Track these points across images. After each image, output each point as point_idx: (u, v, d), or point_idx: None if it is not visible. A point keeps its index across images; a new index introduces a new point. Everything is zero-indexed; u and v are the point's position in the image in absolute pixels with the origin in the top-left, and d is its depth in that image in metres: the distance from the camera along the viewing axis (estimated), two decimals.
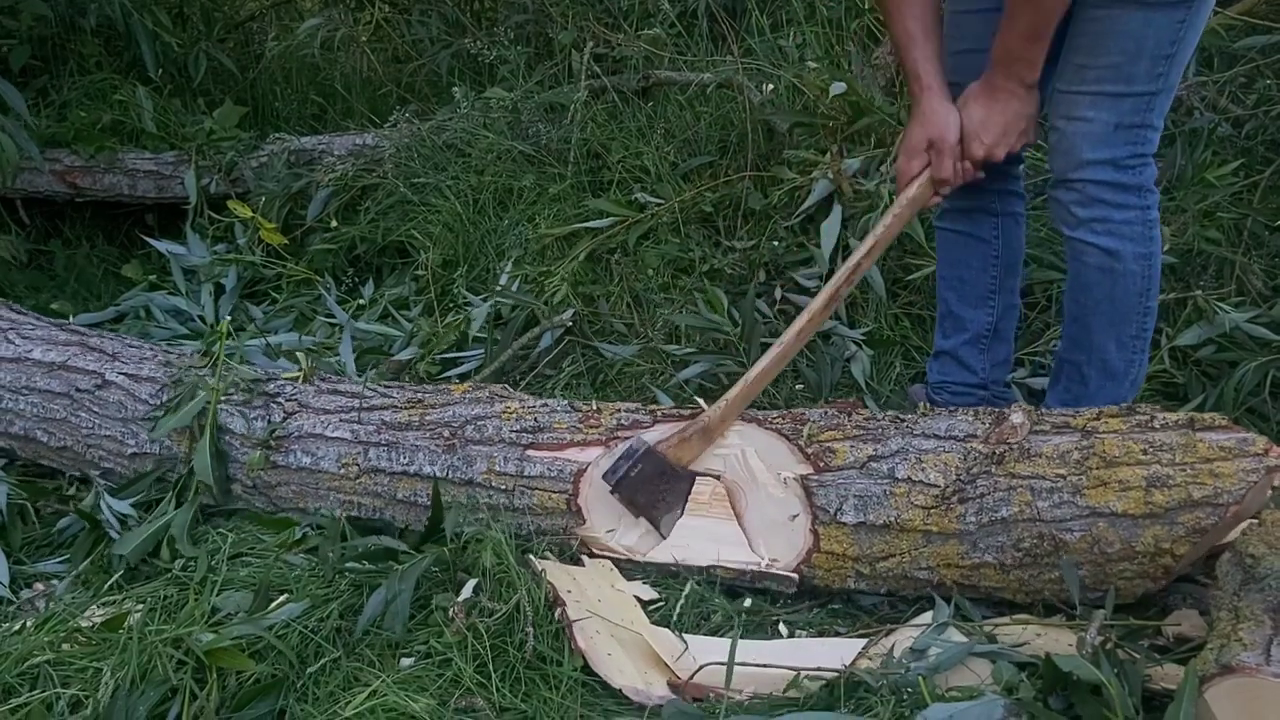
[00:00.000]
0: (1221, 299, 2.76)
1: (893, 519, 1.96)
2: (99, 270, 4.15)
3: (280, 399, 2.39)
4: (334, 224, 3.81)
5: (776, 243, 3.11)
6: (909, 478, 1.95)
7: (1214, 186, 2.98)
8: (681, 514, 2.13)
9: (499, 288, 3.21)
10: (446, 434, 2.23)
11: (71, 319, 3.23)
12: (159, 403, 2.45)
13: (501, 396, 2.32)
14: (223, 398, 2.39)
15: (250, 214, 3.66)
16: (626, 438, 2.15)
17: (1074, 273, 2.25)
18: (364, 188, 3.86)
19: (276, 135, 4.20)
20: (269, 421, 2.35)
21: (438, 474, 2.20)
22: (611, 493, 2.10)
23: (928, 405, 2.12)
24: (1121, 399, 2.26)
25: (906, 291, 3.02)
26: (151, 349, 2.65)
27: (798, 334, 2.19)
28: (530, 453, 2.17)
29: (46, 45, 4.35)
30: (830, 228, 3.01)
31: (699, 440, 2.14)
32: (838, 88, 3.20)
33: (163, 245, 3.80)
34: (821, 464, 2.03)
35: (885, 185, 3.02)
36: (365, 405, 2.34)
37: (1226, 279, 2.84)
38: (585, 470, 2.13)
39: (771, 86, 3.46)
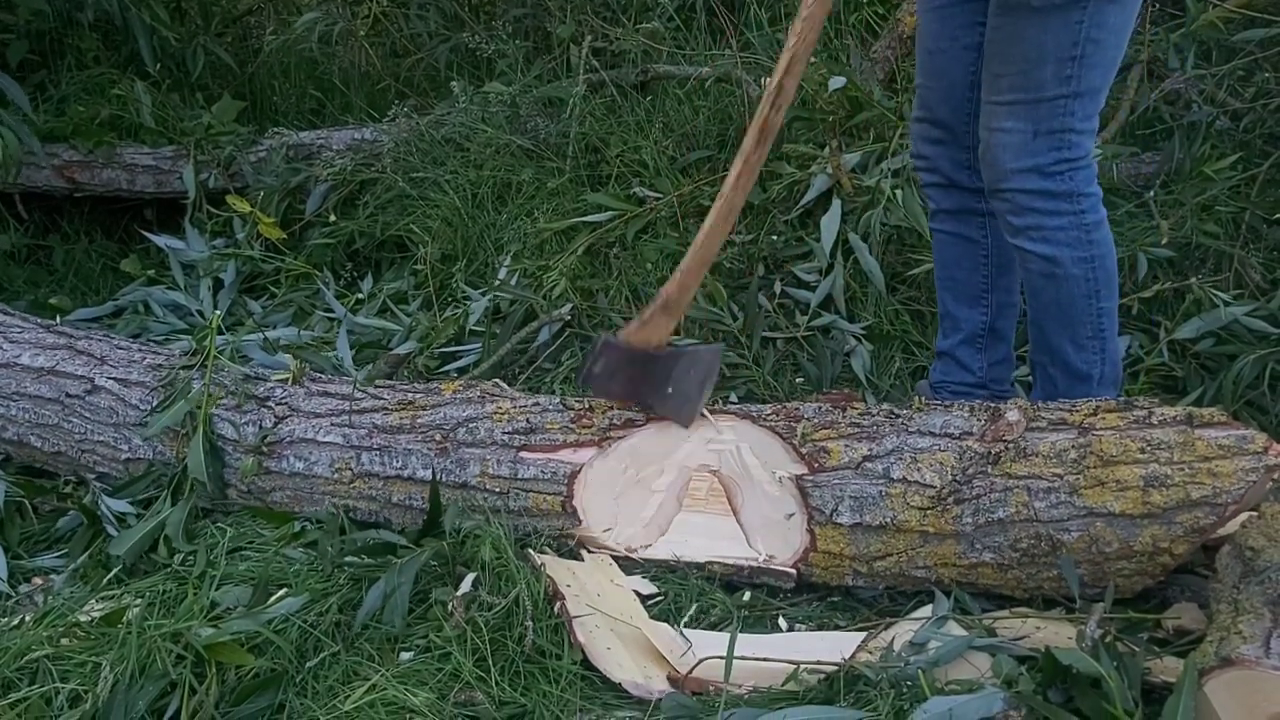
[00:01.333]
0: (1220, 292, 2.76)
1: (889, 520, 1.95)
2: (97, 265, 4.15)
3: (271, 403, 2.38)
4: (333, 219, 3.80)
5: (775, 237, 3.11)
6: (904, 478, 1.95)
7: (1212, 180, 2.98)
8: (685, 394, 2.13)
9: (498, 282, 3.21)
10: (439, 437, 2.22)
11: (60, 319, 3.21)
12: (149, 407, 2.44)
13: (493, 396, 2.31)
14: (213, 402, 2.38)
15: (249, 209, 3.65)
16: (619, 437, 2.15)
17: (1024, 278, 2.28)
18: (362, 182, 3.85)
19: (275, 130, 4.20)
20: (260, 427, 2.34)
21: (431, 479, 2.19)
22: (585, 389, 2.11)
23: (922, 400, 2.11)
24: (1094, 397, 2.25)
25: (906, 286, 3.02)
26: (141, 350, 2.62)
27: (736, 180, 2.12)
28: (524, 455, 2.16)
29: (44, 40, 4.34)
30: (830, 222, 3.01)
31: (662, 317, 2.15)
32: (836, 82, 3.20)
33: (161, 240, 3.80)
34: (816, 464, 2.02)
35: (885, 180, 3.02)
36: (356, 408, 2.33)
37: (1225, 272, 2.84)
38: (579, 471, 2.12)
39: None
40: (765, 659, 1.77)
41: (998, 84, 2.15)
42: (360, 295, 3.55)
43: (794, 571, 2.04)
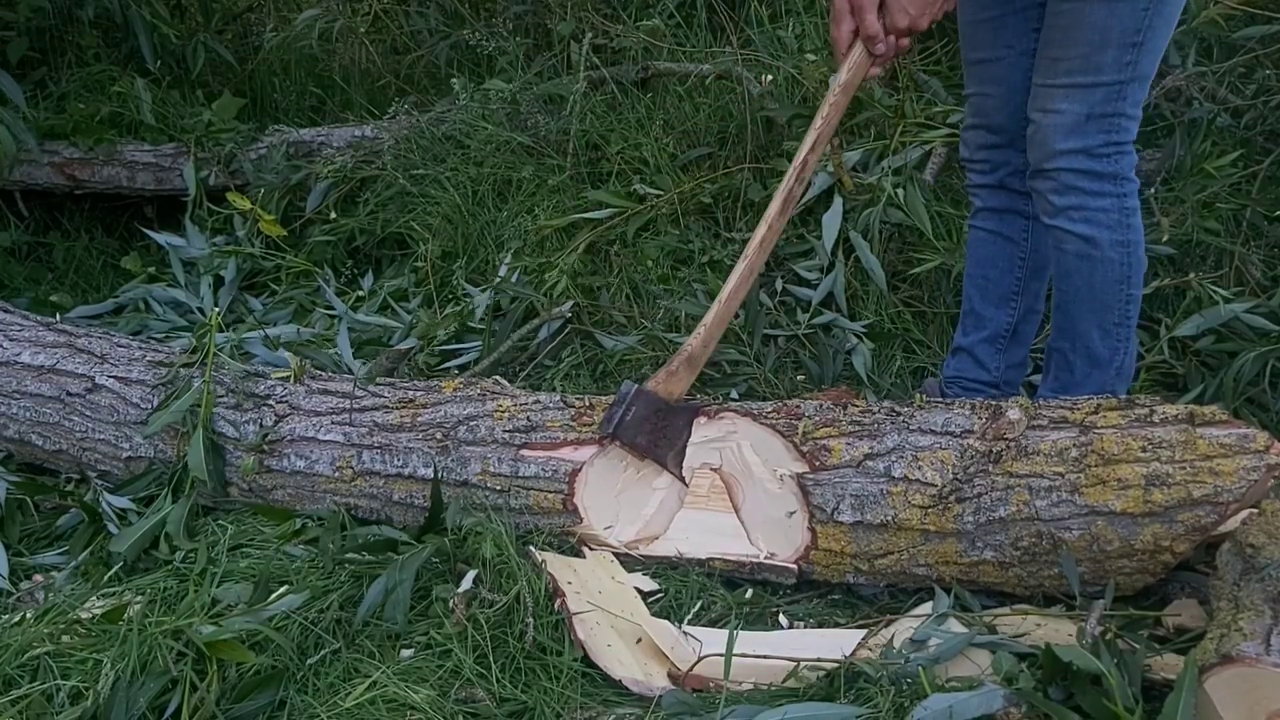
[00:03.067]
0: (1220, 289, 2.76)
1: (890, 518, 1.95)
2: (98, 262, 4.15)
3: (271, 401, 2.38)
4: (333, 216, 3.80)
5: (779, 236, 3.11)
6: (906, 477, 1.95)
7: (1213, 177, 2.98)
8: (684, 446, 2.15)
9: (498, 279, 3.21)
10: (439, 435, 2.22)
11: (60, 317, 3.21)
12: (150, 406, 2.44)
13: (494, 394, 2.31)
14: (214, 400, 2.38)
15: (249, 206, 3.65)
16: None
17: (1056, 261, 2.28)
18: (363, 179, 3.86)
19: (275, 127, 4.20)
20: (260, 425, 2.34)
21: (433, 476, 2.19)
22: (612, 441, 2.11)
23: (924, 397, 2.12)
24: (1108, 387, 2.28)
25: (907, 285, 3.02)
26: (140, 348, 2.62)
27: (760, 244, 2.18)
28: (524, 453, 2.16)
29: (44, 37, 4.34)
30: (831, 220, 3.01)
31: (685, 370, 2.17)
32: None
33: (162, 237, 3.80)
34: (817, 462, 2.02)
35: (886, 178, 3.02)
36: (357, 406, 2.33)
37: (1225, 269, 2.84)
38: (580, 469, 2.12)
39: (770, 77, 3.45)
40: (766, 656, 1.77)
41: (1055, 67, 2.15)
42: (361, 293, 3.55)
43: (795, 568, 2.04)
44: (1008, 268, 2.48)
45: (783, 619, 2.01)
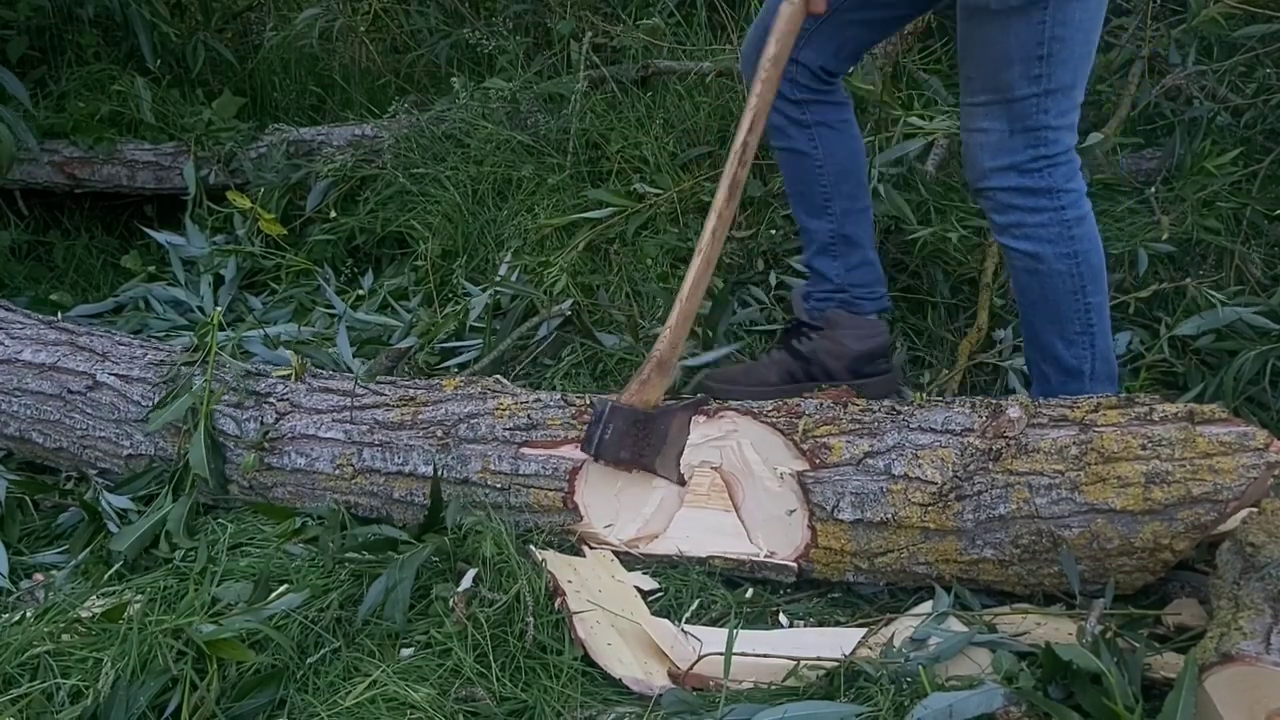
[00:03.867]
0: (1220, 288, 2.76)
1: (890, 516, 1.95)
2: (98, 261, 4.14)
3: (272, 399, 2.38)
4: (333, 215, 3.80)
5: (774, 231, 3.11)
6: (906, 474, 1.95)
7: (1213, 175, 2.98)
8: (674, 450, 2.14)
9: (498, 278, 3.21)
10: (440, 433, 2.22)
11: (61, 315, 3.21)
12: (151, 403, 2.44)
13: (494, 392, 2.31)
14: (215, 398, 2.38)
15: (249, 205, 3.65)
16: None
17: (1010, 275, 2.32)
18: (363, 178, 3.85)
19: (275, 126, 4.19)
20: (261, 423, 2.34)
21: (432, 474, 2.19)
22: (596, 460, 2.10)
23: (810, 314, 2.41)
24: (1087, 393, 2.24)
25: (906, 275, 3.01)
26: (142, 346, 2.62)
27: (712, 235, 2.16)
28: (525, 450, 2.16)
29: (44, 36, 4.33)
30: None
31: (657, 376, 2.16)
32: None
33: (162, 236, 3.80)
34: (817, 460, 2.02)
35: (885, 178, 3.01)
36: (358, 404, 2.33)
37: (1226, 268, 2.84)
38: (580, 467, 2.12)
39: None
40: (766, 655, 1.77)
41: (970, 86, 2.19)
42: (361, 291, 3.55)
43: (795, 566, 2.04)
44: (810, 178, 2.51)
45: (783, 618, 2.01)
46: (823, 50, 2.39)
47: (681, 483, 2.14)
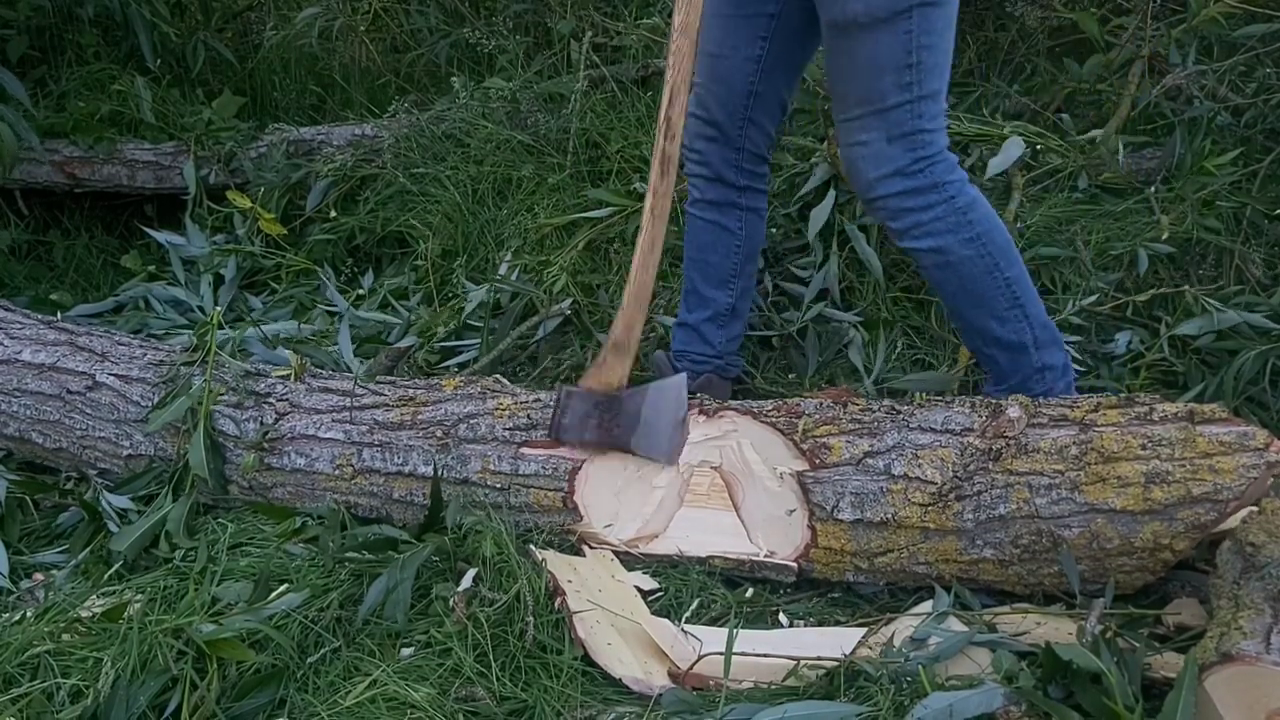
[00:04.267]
0: (1220, 288, 2.76)
1: (890, 516, 1.96)
2: (98, 261, 4.14)
3: (271, 399, 2.38)
4: (333, 214, 3.80)
5: (774, 230, 3.11)
6: (906, 474, 1.95)
7: (1213, 175, 2.98)
8: (661, 430, 2.14)
9: (498, 277, 3.21)
10: (439, 433, 2.22)
11: (61, 315, 3.21)
12: (151, 403, 2.43)
13: (494, 392, 2.31)
14: (214, 398, 2.38)
15: (249, 204, 3.65)
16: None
17: (924, 275, 2.37)
18: (363, 178, 3.85)
19: (275, 125, 4.19)
20: (261, 423, 2.34)
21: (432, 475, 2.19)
22: (557, 441, 2.12)
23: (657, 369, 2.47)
24: (1041, 363, 2.32)
25: (906, 275, 3.01)
26: (141, 346, 2.62)
27: (651, 213, 2.19)
28: (525, 451, 2.16)
29: (45, 36, 4.33)
30: (820, 213, 3.01)
31: (615, 358, 2.18)
32: None
33: (162, 236, 3.80)
34: (817, 460, 2.03)
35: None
36: (357, 404, 2.33)
37: (1226, 268, 2.84)
38: (580, 467, 2.12)
39: None
40: (766, 654, 1.77)
41: (845, 101, 2.24)
42: (361, 291, 3.55)
43: (795, 566, 2.04)
44: (726, 254, 2.60)
45: (783, 617, 2.01)
46: (761, 118, 2.47)
47: (672, 462, 2.14)
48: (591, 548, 2.12)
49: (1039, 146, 3.16)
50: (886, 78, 2.15)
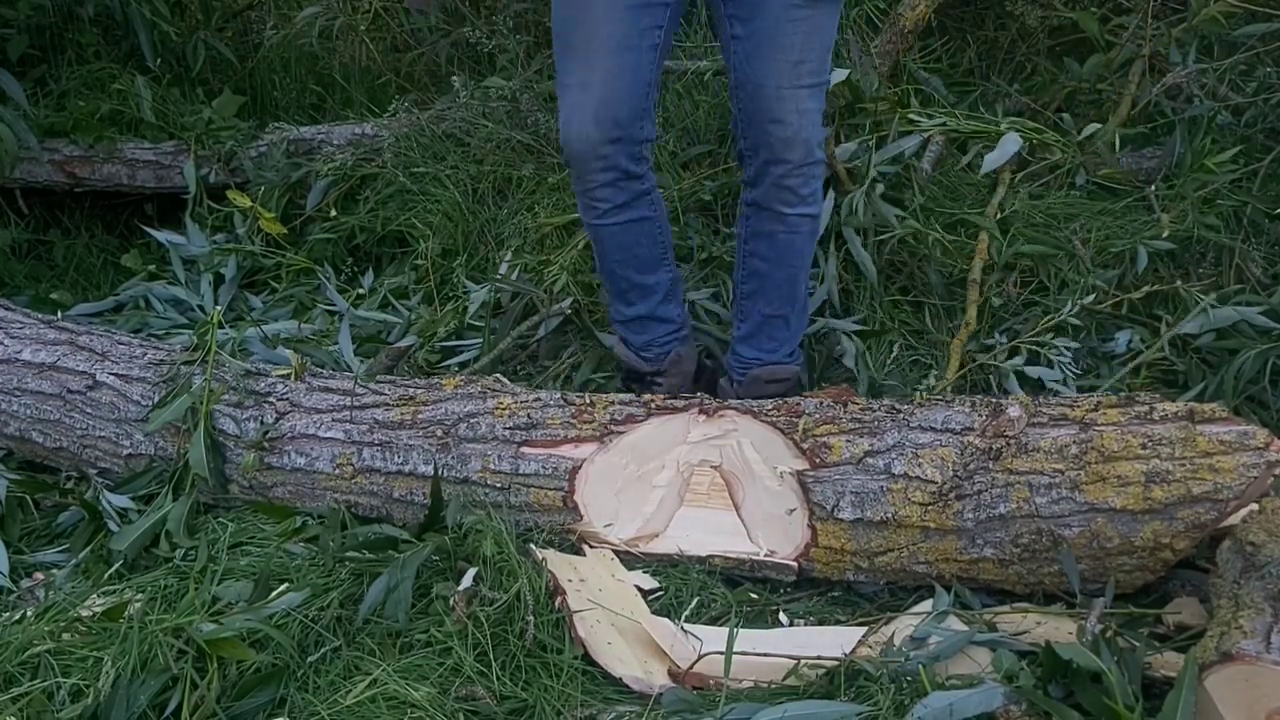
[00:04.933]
0: (1219, 287, 2.75)
1: (890, 515, 1.96)
2: (98, 260, 4.14)
3: (272, 398, 2.38)
4: (333, 214, 3.79)
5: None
6: (906, 474, 1.95)
7: (1213, 174, 2.97)
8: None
9: (498, 277, 3.21)
10: (439, 432, 2.22)
11: (61, 315, 3.21)
12: (151, 403, 2.43)
13: (494, 391, 2.31)
14: (215, 397, 2.38)
15: (249, 204, 3.65)
16: (620, 432, 2.15)
17: (785, 244, 2.50)
18: (363, 177, 3.85)
19: (275, 125, 4.18)
20: (261, 423, 2.34)
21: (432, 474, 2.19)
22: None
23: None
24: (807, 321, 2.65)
25: (903, 276, 3.01)
26: (142, 346, 2.62)
27: None
28: (525, 450, 2.16)
29: (44, 35, 4.33)
30: None
31: None
32: (838, 75, 3.19)
33: (162, 235, 3.79)
34: (817, 459, 2.03)
35: (885, 175, 3.01)
36: (357, 403, 2.33)
37: (1226, 266, 2.84)
38: (580, 467, 2.12)
39: None
40: (766, 654, 1.78)
41: (799, 70, 2.32)
42: (361, 290, 3.55)
43: (795, 565, 2.04)
44: (652, 238, 2.61)
45: (783, 617, 2.01)
46: (651, 105, 2.49)
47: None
48: (592, 547, 2.12)
49: (1035, 142, 3.15)
50: (828, 55, 2.37)
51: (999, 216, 2.94)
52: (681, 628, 1.90)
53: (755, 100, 2.37)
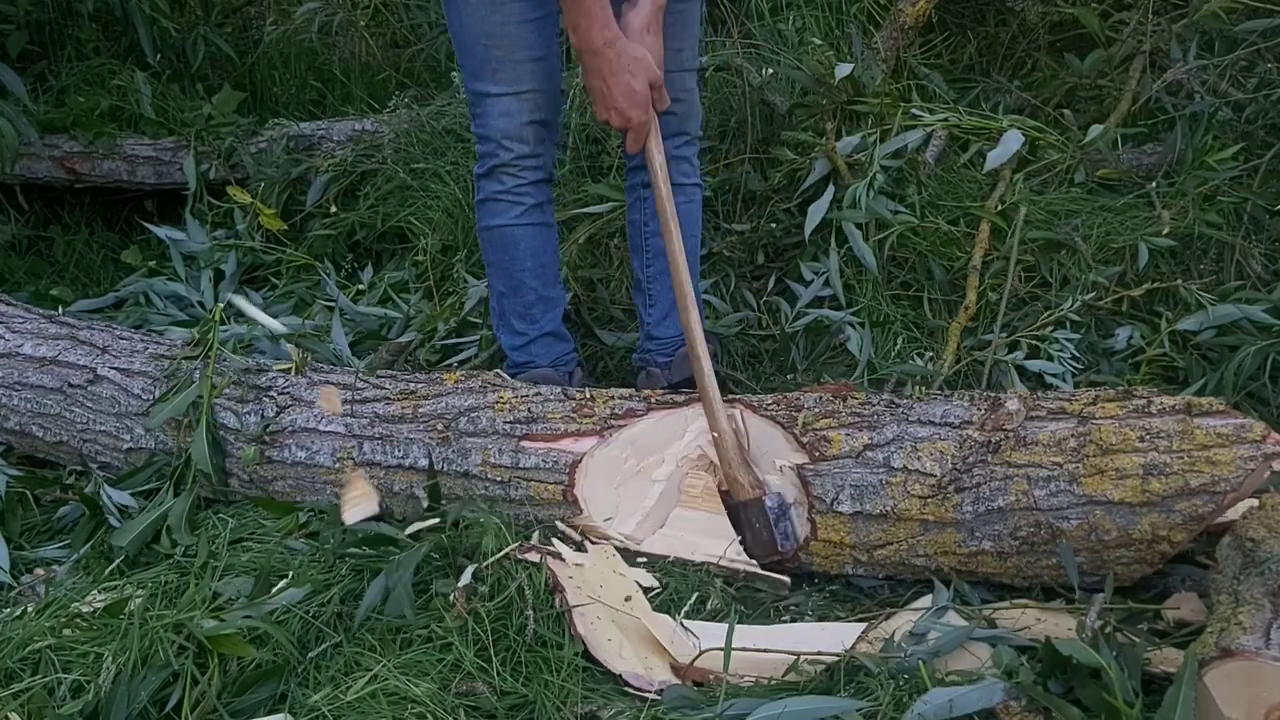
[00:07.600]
0: (1220, 283, 2.75)
1: (889, 508, 1.96)
2: (98, 256, 4.15)
3: (273, 393, 2.38)
4: (333, 209, 3.80)
5: (774, 225, 3.11)
6: (905, 467, 1.95)
7: (1214, 170, 2.97)
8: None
9: None
10: (440, 426, 2.22)
11: (61, 310, 3.21)
12: (152, 398, 2.44)
13: (494, 386, 2.31)
14: (216, 392, 2.38)
15: (249, 200, 3.65)
16: (620, 426, 2.15)
17: (685, 215, 2.47)
18: (363, 173, 3.85)
19: (275, 121, 4.19)
20: (262, 416, 2.34)
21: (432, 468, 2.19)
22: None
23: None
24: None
25: (904, 270, 3.01)
26: (143, 341, 2.63)
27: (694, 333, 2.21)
28: (525, 444, 2.16)
29: (44, 31, 4.33)
30: (816, 209, 3.00)
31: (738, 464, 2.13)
32: (843, 70, 3.19)
33: (162, 231, 3.80)
34: (817, 453, 2.03)
35: (888, 169, 3.01)
36: (358, 398, 2.33)
37: (1226, 263, 2.84)
38: (580, 461, 2.13)
39: (771, 70, 3.44)
40: (766, 650, 1.78)
41: (681, 56, 2.54)
42: (361, 286, 3.55)
43: (788, 580, 2.05)
44: (553, 248, 2.67)
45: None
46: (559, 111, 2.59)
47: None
48: (592, 541, 2.12)
49: (1038, 141, 3.15)
50: (697, 44, 2.66)
51: (999, 209, 2.94)
52: (681, 624, 1.90)
53: None
